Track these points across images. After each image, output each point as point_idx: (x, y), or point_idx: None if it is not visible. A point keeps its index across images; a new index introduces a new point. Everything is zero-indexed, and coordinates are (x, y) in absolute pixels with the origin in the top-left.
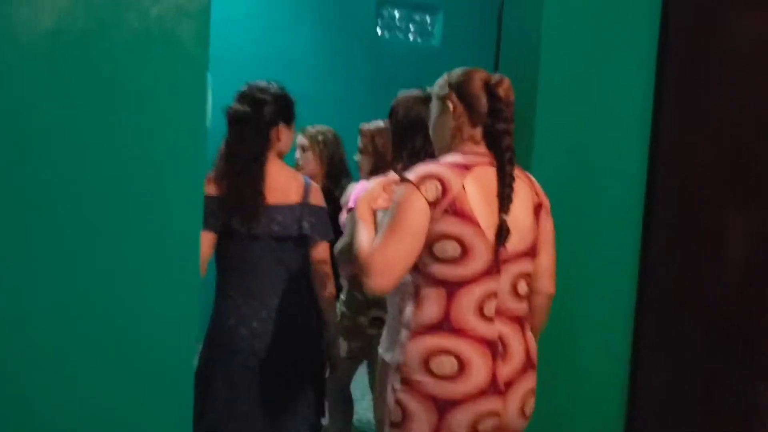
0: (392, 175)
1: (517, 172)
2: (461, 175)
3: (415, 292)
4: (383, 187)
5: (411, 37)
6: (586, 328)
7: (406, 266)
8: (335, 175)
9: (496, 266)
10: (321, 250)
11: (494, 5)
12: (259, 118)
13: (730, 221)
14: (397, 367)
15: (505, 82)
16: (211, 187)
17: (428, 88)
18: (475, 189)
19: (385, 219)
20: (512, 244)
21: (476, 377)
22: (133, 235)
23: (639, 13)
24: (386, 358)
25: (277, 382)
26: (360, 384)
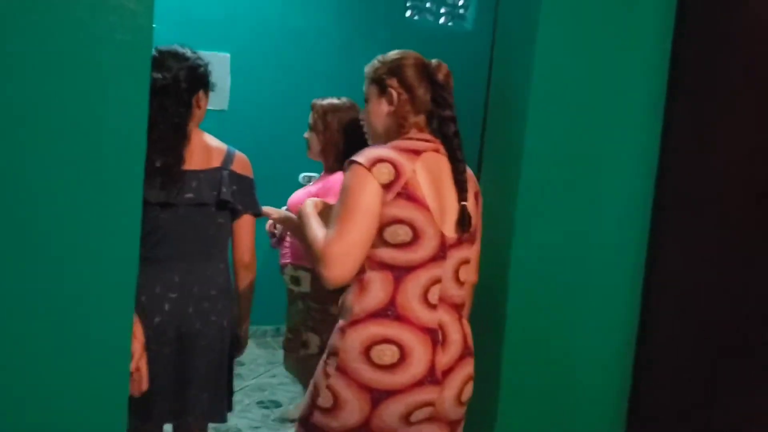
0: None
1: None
2: (411, 159)
3: (359, 277)
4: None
5: (441, 20)
6: (586, 339)
7: (364, 252)
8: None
9: (442, 252)
10: (243, 222)
11: None
12: (178, 86)
13: (746, 225)
14: (334, 352)
15: (443, 67)
16: None
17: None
18: (423, 174)
19: (337, 206)
20: (458, 231)
21: (416, 367)
22: (70, 211)
23: None
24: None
25: (186, 361)
26: None
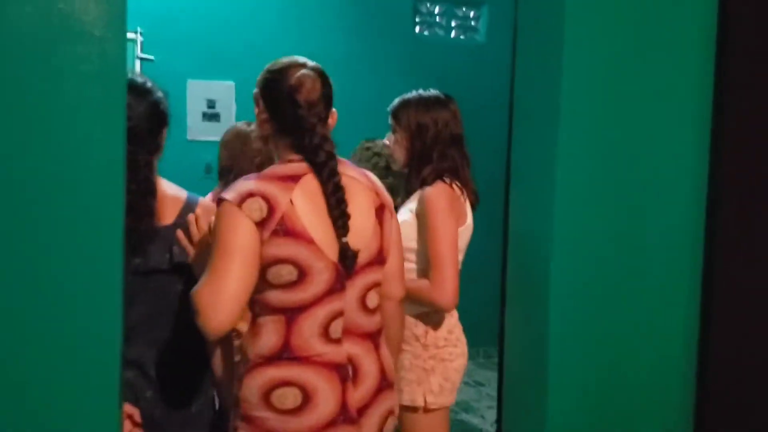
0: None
1: (353, 173)
2: (287, 188)
3: (251, 321)
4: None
5: (453, 34)
6: (640, 353)
7: (241, 297)
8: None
9: (339, 284)
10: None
11: None
12: (143, 128)
13: None
14: (236, 403)
15: (306, 84)
16: None
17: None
18: (304, 202)
19: (210, 250)
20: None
21: (323, 407)
22: (49, 228)
23: None
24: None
25: None
26: None
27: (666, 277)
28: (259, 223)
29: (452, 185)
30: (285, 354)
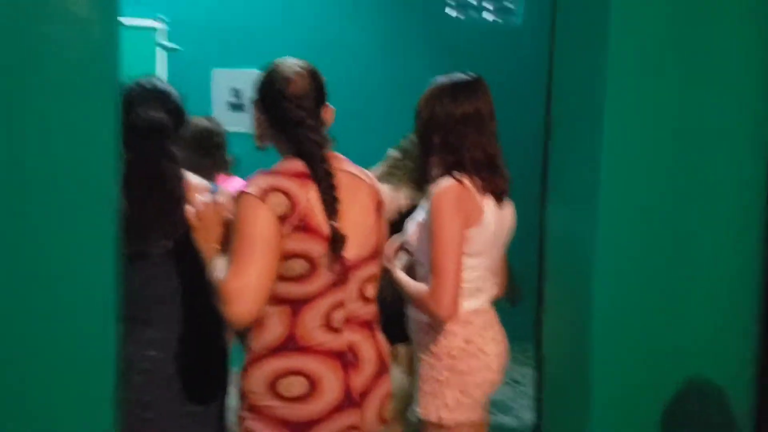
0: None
1: (353, 170)
2: (305, 185)
3: None
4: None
5: (488, 17)
6: (696, 359)
7: (265, 287)
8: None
9: (342, 277)
10: None
11: None
12: (177, 129)
13: None
14: (243, 395)
15: (294, 80)
16: None
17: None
18: (318, 200)
19: (232, 240)
20: (356, 250)
21: (329, 394)
22: (45, 221)
23: None
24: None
25: None
26: None
27: (715, 276)
28: (282, 218)
29: (463, 181)
30: (290, 344)
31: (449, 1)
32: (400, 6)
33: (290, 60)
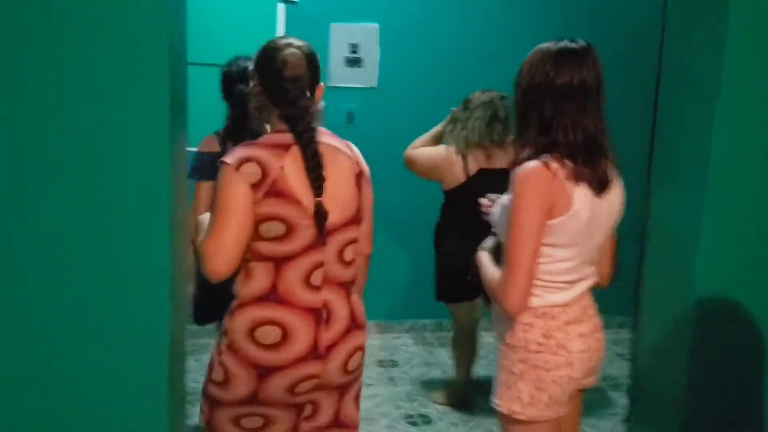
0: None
1: (336, 143)
2: (280, 156)
3: (245, 265)
4: None
5: None
6: None
7: (238, 247)
8: None
9: (321, 239)
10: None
11: None
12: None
13: None
14: (225, 332)
15: (292, 62)
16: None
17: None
18: (293, 168)
19: (213, 205)
20: (335, 217)
21: (298, 345)
22: (97, 219)
23: None
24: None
25: None
26: None
27: None
28: (254, 185)
29: (550, 165)
30: (272, 296)
31: None
32: None
33: (289, 40)
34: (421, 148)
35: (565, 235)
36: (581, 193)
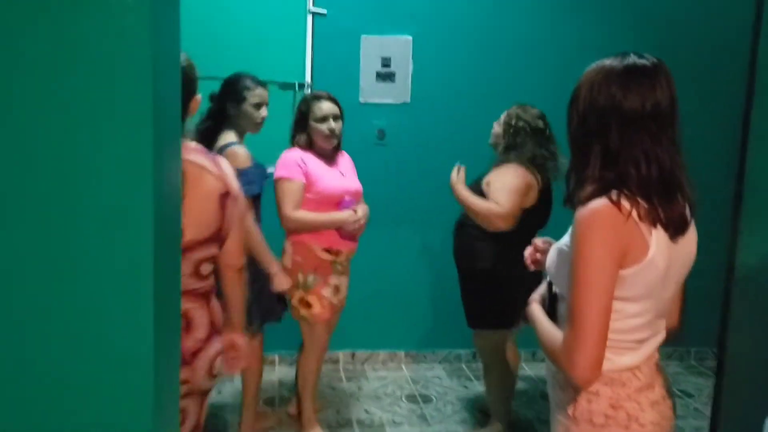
0: None
1: (202, 161)
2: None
3: None
4: None
5: None
6: None
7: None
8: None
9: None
10: None
11: None
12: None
13: None
14: None
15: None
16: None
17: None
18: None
19: None
20: (191, 235)
21: None
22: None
23: None
24: None
25: None
26: None
27: None
28: None
29: (622, 204)
30: None
31: None
32: None
33: None
34: (499, 185)
35: (639, 287)
36: (657, 238)
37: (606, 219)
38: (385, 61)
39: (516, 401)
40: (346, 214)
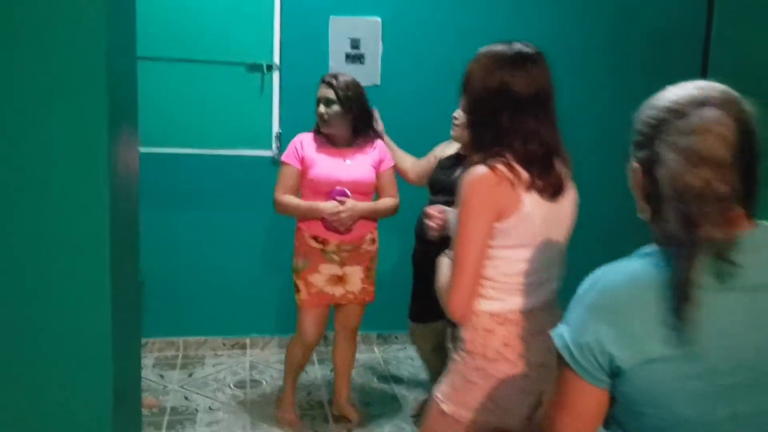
0: None
1: None
2: None
3: None
4: None
5: None
6: None
7: None
8: None
9: None
10: None
11: None
12: None
13: None
14: None
15: None
16: None
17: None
18: None
19: None
20: None
21: None
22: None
23: None
24: None
25: None
26: None
27: None
28: None
29: (497, 169)
30: None
31: None
32: None
33: None
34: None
35: (517, 237)
36: (532, 198)
37: (483, 183)
38: (354, 43)
39: None
40: (325, 205)
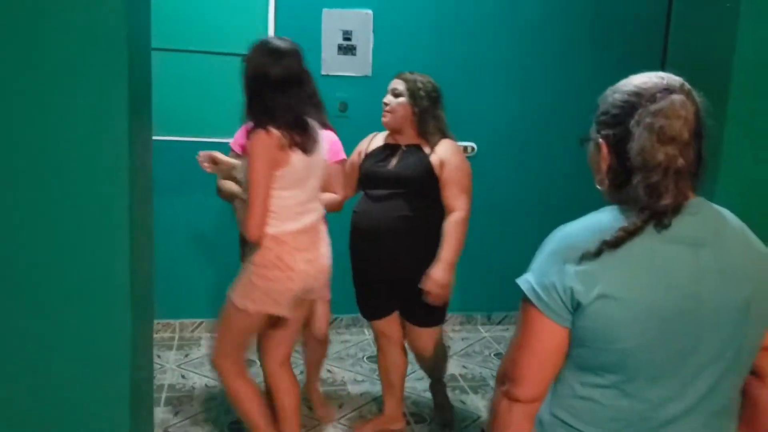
0: None
1: None
2: None
3: None
4: None
5: None
6: None
7: None
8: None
9: None
10: None
11: None
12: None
13: None
14: None
15: None
16: None
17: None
18: None
19: None
20: None
21: None
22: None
23: None
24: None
25: None
26: None
27: None
28: None
29: (271, 132)
30: None
31: None
32: None
33: None
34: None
35: (287, 181)
36: (295, 154)
37: (261, 141)
38: (346, 35)
39: (472, 360)
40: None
